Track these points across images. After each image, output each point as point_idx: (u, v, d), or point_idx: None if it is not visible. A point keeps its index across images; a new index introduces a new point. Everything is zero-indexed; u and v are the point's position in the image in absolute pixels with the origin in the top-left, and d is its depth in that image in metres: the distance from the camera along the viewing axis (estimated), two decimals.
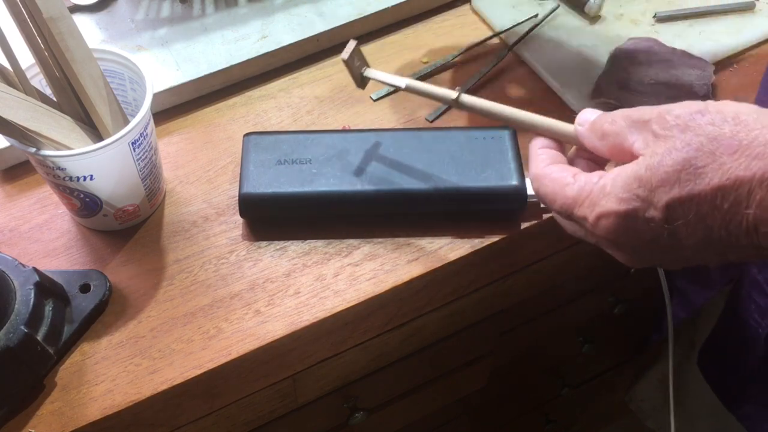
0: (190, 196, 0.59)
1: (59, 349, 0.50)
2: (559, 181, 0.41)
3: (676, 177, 0.36)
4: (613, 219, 0.38)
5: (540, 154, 0.44)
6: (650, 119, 0.38)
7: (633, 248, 0.40)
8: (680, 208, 0.36)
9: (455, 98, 0.49)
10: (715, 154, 0.35)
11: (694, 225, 0.36)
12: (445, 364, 0.78)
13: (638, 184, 0.37)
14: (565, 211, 0.41)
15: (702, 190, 0.35)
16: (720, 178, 0.35)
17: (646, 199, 0.37)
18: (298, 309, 0.53)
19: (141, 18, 0.68)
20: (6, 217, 0.58)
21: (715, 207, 0.35)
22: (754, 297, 0.60)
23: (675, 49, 0.66)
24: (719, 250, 0.37)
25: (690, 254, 0.38)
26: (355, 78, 0.52)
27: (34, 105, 0.50)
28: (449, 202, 0.56)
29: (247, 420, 0.61)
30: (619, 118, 0.40)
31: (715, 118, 0.36)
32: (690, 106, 0.38)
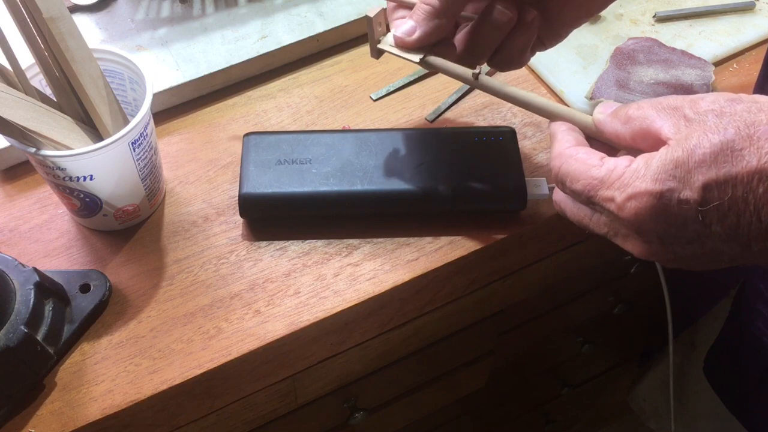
0: (190, 196, 0.59)
1: (59, 349, 0.50)
2: (585, 162, 0.40)
3: (714, 158, 0.35)
4: (646, 199, 0.37)
5: (565, 134, 0.43)
6: (682, 105, 0.38)
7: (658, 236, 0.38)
8: (716, 190, 0.36)
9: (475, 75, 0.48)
10: (753, 138, 0.35)
11: (727, 209, 0.36)
12: (445, 364, 0.78)
13: (674, 164, 0.36)
14: (587, 192, 0.40)
15: (739, 172, 0.35)
16: (759, 161, 0.35)
17: (683, 180, 0.36)
18: (298, 309, 0.53)
19: (141, 18, 0.68)
20: (6, 217, 0.58)
21: (750, 190, 0.35)
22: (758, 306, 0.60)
23: (675, 49, 0.66)
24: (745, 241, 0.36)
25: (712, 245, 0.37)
26: (372, 44, 0.51)
27: (34, 105, 0.50)
28: (449, 202, 0.56)
29: (247, 420, 0.61)
30: (646, 104, 0.40)
31: (751, 107, 0.36)
32: (724, 95, 0.37)
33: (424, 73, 0.67)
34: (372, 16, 0.50)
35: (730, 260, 0.38)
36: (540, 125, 0.63)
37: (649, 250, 0.39)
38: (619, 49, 0.65)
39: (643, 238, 0.39)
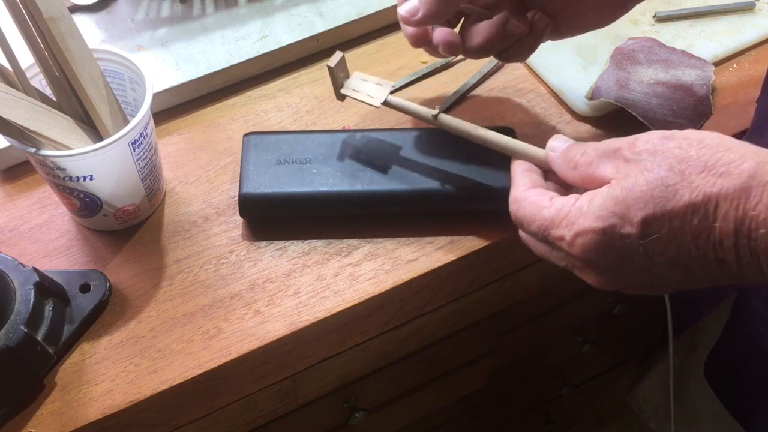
0: (190, 196, 0.59)
1: (59, 349, 0.50)
2: (536, 204, 0.44)
3: (650, 195, 0.39)
4: (590, 236, 0.40)
5: (521, 178, 0.47)
6: (620, 147, 0.42)
7: (607, 267, 0.42)
8: (655, 224, 0.39)
9: (434, 116, 0.52)
10: (684, 174, 0.38)
11: (667, 241, 0.39)
12: (445, 364, 0.78)
13: (614, 202, 0.40)
14: (542, 233, 0.43)
15: (674, 206, 0.38)
16: (690, 195, 0.38)
17: (623, 216, 0.39)
18: (298, 309, 0.53)
19: (141, 18, 0.68)
20: (6, 217, 0.58)
21: (685, 222, 0.38)
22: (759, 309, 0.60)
23: (675, 49, 0.66)
24: (687, 267, 0.40)
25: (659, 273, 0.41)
26: (335, 90, 0.55)
27: (34, 105, 0.50)
28: (449, 202, 0.56)
29: (247, 420, 0.61)
30: (591, 150, 0.43)
31: (682, 143, 0.39)
32: (657, 133, 0.41)
33: (424, 73, 0.67)
34: (333, 66, 0.53)
35: (680, 284, 0.41)
36: (540, 125, 0.63)
37: (602, 281, 0.43)
38: (619, 49, 0.65)
39: (596, 271, 0.42)
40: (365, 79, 0.56)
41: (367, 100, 0.54)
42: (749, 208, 0.37)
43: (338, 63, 0.54)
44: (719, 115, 0.64)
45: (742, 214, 0.37)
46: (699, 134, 0.40)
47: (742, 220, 0.37)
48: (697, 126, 0.62)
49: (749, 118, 0.63)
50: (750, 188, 0.37)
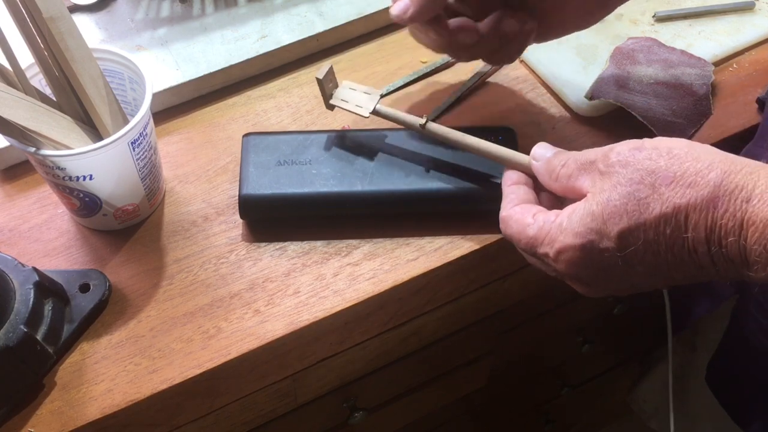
0: (189, 196, 0.59)
1: (59, 349, 0.50)
2: (521, 222, 0.46)
3: (624, 209, 0.40)
4: (571, 252, 0.42)
5: (509, 194, 0.49)
6: (596, 159, 0.43)
7: (591, 279, 0.44)
8: (630, 237, 0.40)
9: (422, 124, 0.53)
10: (655, 186, 0.40)
11: (644, 251, 0.41)
12: (445, 363, 0.78)
13: (591, 218, 0.42)
14: (529, 250, 0.46)
15: (647, 219, 0.40)
16: (661, 208, 0.39)
17: (600, 231, 0.41)
18: (298, 308, 0.53)
19: (141, 18, 0.68)
20: (6, 217, 0.58)
21: (659, 233, 0.40)
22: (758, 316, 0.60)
23: (674, 48, 0.66)
24: (667, 273, 0.41)
25: (641, 280, 0.42)
26: (325, 99, 0.56)
27: (34, 105, 0.50)
28: (449, 202, 0.56)
29: (246, 420, 0.61)
30: (571, 161, 0.45)
31: (651, 154, 0.41)
32: (629, 143, 0.43)
33: (424, 73, 0.67)
34: (322, 77, 0.54)
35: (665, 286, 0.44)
36: (539, 125, 0.63)
37: (590, 291, 0.45)
38: (619, 49, 0.65)
39: (582, 282, 0.45)
40: (354, 88, 0.56)
41: (355, 110, 0.55)
42: (717, 217, 0.38)
43: (327, 74, 0.54)
44: (719, 115, 0.64)
45: (711, 223, 0.38)
46: (668, 143, 0.41)
47: (711, 228, 0.39)
48: (696, 126, 0.62)
49: (749, 118, 0.63)
50: (716, 198, 0.38)
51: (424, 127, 0.53)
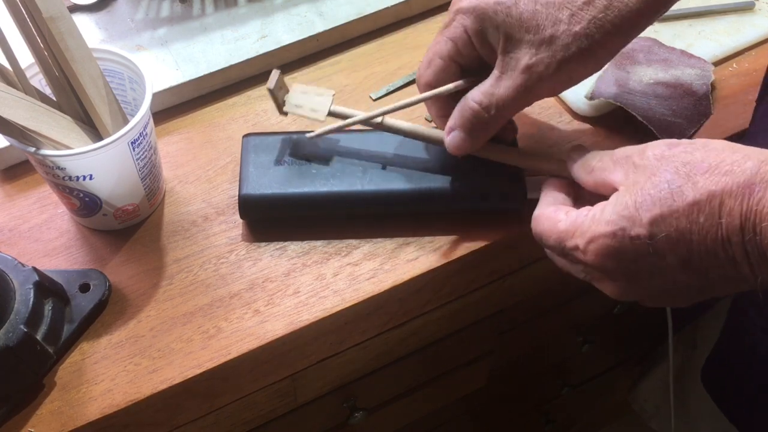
0: (189, 196, 0.59)
1: (59, 349, 0.50)
2: (552, 218, 0.46)
3: (657, 196, 0.40)
4: (602, 240, 0.42)
5: (545, 197, 0.49)
6: (631, 154, 0.43)
7: (622, 273, 0.42)
8: (662, 223, 0.40)
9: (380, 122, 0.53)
10: (689, 175, 0.39)
11: (676, 240, 0.40)
12: (445, 363, 0.78)
13: (623, 207, 0.41)
14: (559, 245, 0.45)
15: (679, 206, 0.39)
16: (694, 194, 0.39)
17: (631, 218, 0.41)
18: (298, 308, 0.53)
19: (141, 18, 0.68)
20: (6, 217, 0.58)
21: (692, 221, 0.39)
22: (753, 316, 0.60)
23: (674, 48, 0.66)
24: (700, 269, 0.40)
25: (673, 277, 0.41)
26: (278, 108, 0.56)
27: (34, 104, 0.50)
28: (449, 202, 0.56)
29: (246, 419, 0.61)
30: (606, 157, 0.45)
31: (687, 148, 0.41)
32: (665, 141, 0.43)
33: None
34: (272, 87, 0.54)
35: (699, 291, 0.42)
36: (540, 125, 0.63)
37: (619, 289, 0.44)
38: None
39: (611, 278, 0.43)
40: (306, 92, 0.55)
41: (310, 115, 0.54)
42: (753, 203, 0.37)
43: (276, 83, 0.54)
44: (719, 115, 0.64)
45: (747, 210, 0.38)
46: (704, 140, 0.41)
47: (746, 215, 0.38)
48: (696, 126, 0.62)
49: (749, 118, 0.63)
50: (753, 184, 0.38)
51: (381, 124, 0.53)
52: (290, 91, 0.56)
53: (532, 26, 0.46)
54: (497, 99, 0.49)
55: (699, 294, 0.42)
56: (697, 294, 0.42)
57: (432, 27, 0.71)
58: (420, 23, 0.72)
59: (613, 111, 0.63)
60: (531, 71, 0.47)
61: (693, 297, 0.43)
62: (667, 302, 0.45)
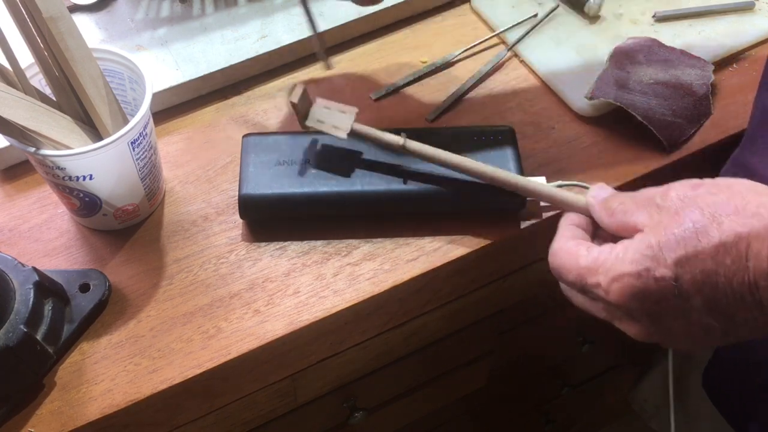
0: (189, 196, 0.59)
1: (59, 349, 0.50)
2: (573, 253, 0.44)
3: (682, 236, 0.39)
4: (626, 279, 0.41)
5: (564, 231, 0.48)
6: (653, 196, 0.43)
7: (645, 314, 0.42)
8: (687, 265, 0.39)
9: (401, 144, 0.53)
10: (715, 216, 0.39)
11: (702, 282, 0.39)
12: (445, 363, 0.78)
13: (647, 246, 0.40)
14: (579, 281, 0.44)
15: (705, 247, 0.38)
16: (721, 236, 0.38)
17: (655, 258, 0.40)
18: (298, 308, 0.53)
19: (141, 18, 0.68)
20: (6, 217, 0.58)
21: (718, 263, 0.38)
22: None
23: (674, 48, 0.66)
24: (726, 312, 0.39)
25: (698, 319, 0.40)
26: (300, 121, 0.55)
27: (34, 104, 0.50)
28: (449, 202, 0.56)
29: (246, 419, 0.61)
30: (628, 199, 0.45)
31: (711, 189, 0.40)
32: (688, 182, 0.42)
33: (424, 73, 0.67)
34: (296, 101, 0.53)
35: (723, 335, 0.41)
36: (539, 124, 0.63)
37: (642, 330, 0.43)
38: (619, 49, 0.65)
39: (634, 319, 0.43)
40: (328, 107, 0.55)
41: (332, 132, 0.54)
42: None
43: (300, 96, 0.53)
44: (719, 115, 0.64)
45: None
46: (727, 180, 0.41)
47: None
48: (696, 125, 0.62)
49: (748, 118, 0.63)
50: None
51: (403, 146, 0.53)
52: (313, 105, 0.55)
53: None
54: None
55: (723, 337, 0.41)
56: (720, 337, 0.41)
57: (432, 27, 0.71)
58: (420, 23, 0.72)
59: (613, 111, 0.63)
60: None
61: (716, 340, 0.42)
62: (689, 345, 0.43)
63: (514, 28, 0.69)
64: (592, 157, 0.61)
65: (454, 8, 0.73)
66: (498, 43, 0.70)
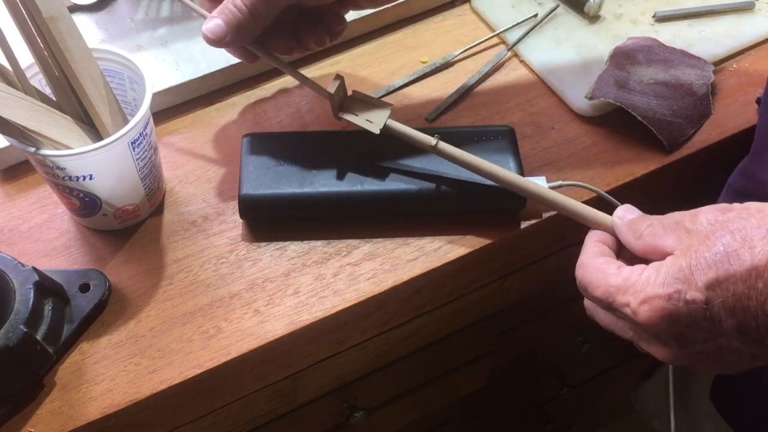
0: (189, 196, 0.59)
1: (59, 349, 0.50)
2: (603, 271, 0.44)
3: (713, 259, 0.39)
4: (656, 302, 0.41)
5: (592, 247, 0.47)
6: (682, 219, 0.43)
7: (674, 337, 0.41)
8: (719, 288, 0.39)
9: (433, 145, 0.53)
10: (746, 239, 0.39)
11: (732, 305, 0.39)
12: (445, 363, 0.78)
13: (678, 269, 0.40)
14: (606, 299, 0.43)
15: (737, 270, 0.38)
16: (753, 259, 0.38)
17: (687, 281, 0.40)
18: (298, 308, 0.53)
19: (140, 18, 0.68)
20: (5, 217, 0.58)
21: (750, 286, 0.38)
22: None
23: (674, 48, 0.66)
24: (757, 336, 0.39)
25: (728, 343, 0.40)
26: (334, 111, 0.55)
27: (34, 104, 0.50)
28: (449, 202, 0.56)
29: (246, 419, 0.61)
30: (656, 222, 0.44)
31: (741, 213, 0.40)
32: (718, 206, 0.42)
33: (424, 73, 0.67)
34: (333, 92, 0.54)
35: (752, 359, 0.41)
36: (539, 124, 0.63)
37: (670, 354, 0.43)
38: (619, 49, 0.65)
39: (662, 341, 0.42)
40: (364, 101, 0.55)
41: (365, 125, 0.54)
42: None
43: (337, 88, 0.54)
44: (719, 115, 0.64)
45: None
46: (757, 205, 0.41)
47: None
48: (696, 126, 0.62)
49: (749, 118, 0.63)
50: None
51: (435, 147, 0.53)
52: (349, 97, 0.56)
53: None
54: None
55: (752, 361, 0.41)
56: (749, 361, 0.41)
57: (432, 27, 0.71)
58: (420, 23, 0.72)
59: (613, 111, 0.63)
60: None
61: (745, 364, 0.42)
62: (717, 369, 0.43)
63: (514, 28, 0.69)
64: (592, 157, 0.61)
65: (454, 8, 0.73)
66: (498, 43, 0.70)
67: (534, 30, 0.69)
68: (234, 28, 0.52)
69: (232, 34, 0.52)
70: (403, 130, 0.54)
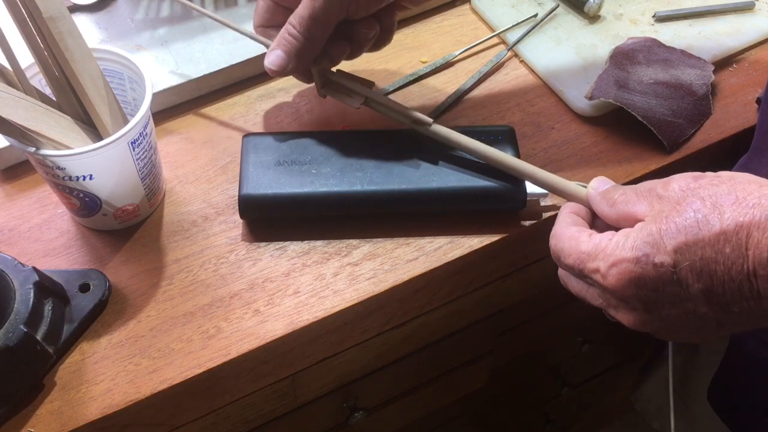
0: (189, 196, 0.59)
1: (59, 349, 0.50)
2: (575, 238, 0.45)
3: (682, 224, 0.40)
4: (624, 265, 0.41)
5: (565, 217, 0.48)
6: (655, 186, 0.43)
7: (641, 301, 0.42)
8: (687, 252, 0.39)
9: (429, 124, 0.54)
10: (716, 206, 0.39)
11: (699, 269, 0.39)
12: (445, 363, 0.78)
13: (647, 233, 0.41)
14: (578, 266, 0.44)
15: (705, 235, 0.39)
16: (722, 225, 0.38)
17: (655, 245, 0.40)
18: (298, 308, 0.53)
19: (140, 18, 0.68)
20: (5, 217, 0.58)
21: (718, 251, 0.38)
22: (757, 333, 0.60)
23: (674, 48, 0.66)
24: (723, 301, 0.39)
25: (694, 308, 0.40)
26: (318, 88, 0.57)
27: (34, 104, 0.50)
28: (449, 202, 0.56)
29: (246, 419, 0.61)
30: (629, 190, 0.45)
31: (713, 180, 0.41)
32: (689, 174, 0.43)
33: (424, 73, 0.67)
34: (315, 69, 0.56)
35: (718, 325, 0.41)
36: (539, 124, 0.63)
37: (636, 318, 0.43)
38: (619, 49, 0.65)
39: (629, 306, 0.43)
40: (348, 77, 0.57)
41: (346, 101, 0.56)
42: None
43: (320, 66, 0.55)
44: (719, 115, 0.64)
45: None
46: (729, 173, 0.41)
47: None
48: (696, 125, 0.62)
49: (749, 118, 0.63)
50: None
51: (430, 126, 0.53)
52: (332, 75, 0.57)
53: None
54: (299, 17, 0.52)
55: (717, 328, 0.42)
56: (715, 328, 0.42)
57: (432, 27, 0.71)
58: (420, 23, 0.72)
59: (613, 111, 0.63)
60: None
61: (711, 331, 0.42)
62: (683, 336, 0.44)
63: (514, 28, 0.69)
64: (592, 157, 0.61)
65: (454, 8, 0.73)
66: (498, 43, 0.70)
67: (534, 30, 0.69)
68: (294, 56, 0.54)
69: (294, 61, 0.54)
70: (386, 102, 0.55)
